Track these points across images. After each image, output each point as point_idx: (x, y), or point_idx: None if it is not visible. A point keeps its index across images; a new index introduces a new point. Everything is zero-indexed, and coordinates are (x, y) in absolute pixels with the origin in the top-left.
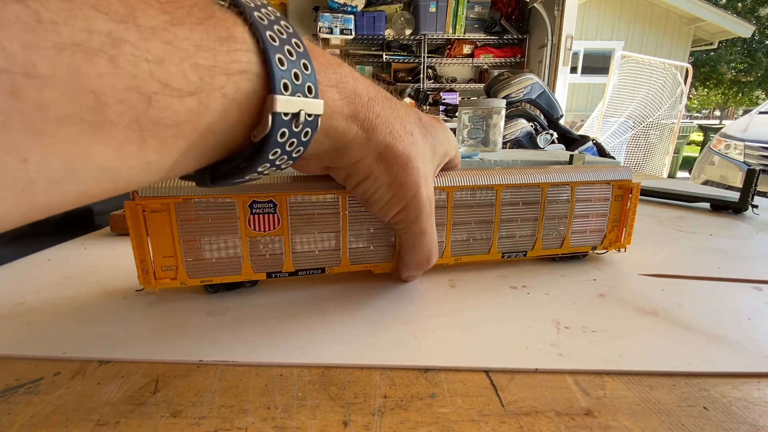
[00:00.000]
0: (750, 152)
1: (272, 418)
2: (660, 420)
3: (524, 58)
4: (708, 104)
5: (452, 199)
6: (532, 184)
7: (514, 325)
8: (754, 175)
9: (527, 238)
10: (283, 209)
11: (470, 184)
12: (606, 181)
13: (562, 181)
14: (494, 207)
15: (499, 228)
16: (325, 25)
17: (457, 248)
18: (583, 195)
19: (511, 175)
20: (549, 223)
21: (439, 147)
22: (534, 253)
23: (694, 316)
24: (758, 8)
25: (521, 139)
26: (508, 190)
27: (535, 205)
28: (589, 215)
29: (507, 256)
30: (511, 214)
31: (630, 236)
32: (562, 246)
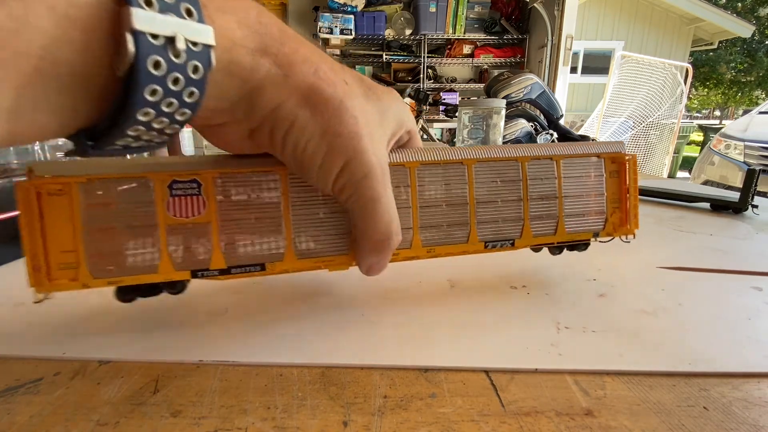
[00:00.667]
0: (750, 152)
1: (272, 418)
2: (660, 420)
3: (524, 58)
4: (708, 104)
5: (415, 177)
6: (509, 158)
7: (514, 325)
8: (754, 175)
9: (512, 224)
10: (210, 190)
11: (435, 158)
12: (594, 154)
13: (542, 154)
14: (466, 185)
15: (476, 211)
16: (325, 25)
17: (429, 237)
18: (571, 170)
19: (483, 150)
20: (536, 204)
21: (390, 114)
22: (523, 242)
23: (694, 316)
24: (758, 8)
25: (521, 139)
26: (482, 165)
27: (515, 182)
28: (583, 194)
29: (491, 246)
30: (488, 195)
31: (636, 220)
32: (556, 233)
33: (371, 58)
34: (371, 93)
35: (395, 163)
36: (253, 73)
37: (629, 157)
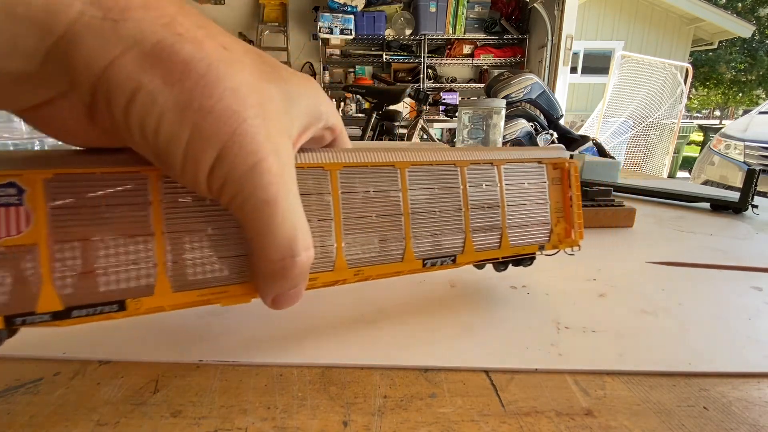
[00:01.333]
0: (750, 152)
1: (272, 418)
2: (660, 420)
3: (524, 58)
4: (708, 104)
5: (338, 182)
6: (446, 161)
7: (514, 325)
8: (754, 175)
9: (453, 237)
10: (38, 199)
11: (360, 160)
12: (536, 159)
13: (482, 158)
14: (400, 192)
15: (411, 223)
16: (325, 25)
17: (357, 255)
18: (513, 177)
19: (418, 152)
20: (478, 214)
21: (303, 102)
22: (466, 257)
23: (694, 316)
24: (758, 8)
25: (521, 139)
26: (417, 169)
27: (454, 190)
28: (526, 203)
29: (430, 264)
30: (425, 203)
31: (581, 230)
32: (500, 247)
33: (371, 58)
34: (274, 73)
35: (311, 164)
36: (57, 16)
37: (571, 163)
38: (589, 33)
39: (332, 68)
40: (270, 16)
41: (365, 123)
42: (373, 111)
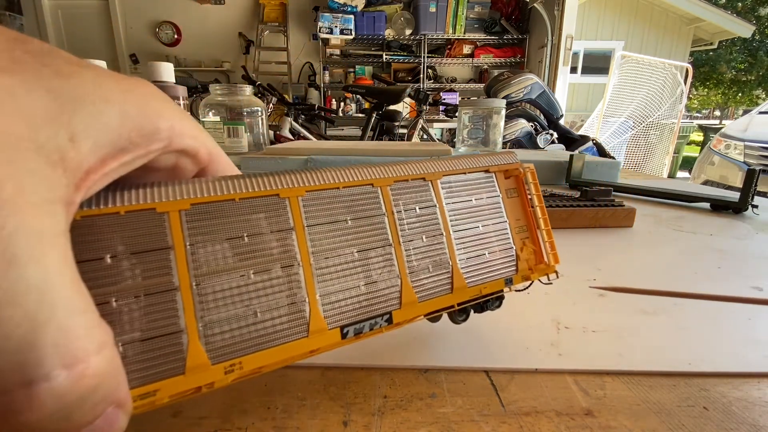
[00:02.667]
0: (750, 152)
1: (272, 418)
2: (660, 420)
3: (524, 58)
4: (708, 104)
5: (183, 230)
6: (358, 182)
7: (514, 325)
8: (754, 175)
9: (383, 287)
10: None
11: (224, 193)
12: (481, 168)
13: (409, 173)
14: (292, 233)
15: (315, 275)
16: (325, 25)
17: (226, 341)
18: (455, 192)
19: (316, 173)
20: (414, 249)
21: (106, 108)
22: (406, 313)
23: (694, 316)
24: (758, 8)
25: (521, 139)
26: (315, 198)
27: (376, 219)
28: (478, 226)
29: (353, 332)
30: (332, 243)
31: (555, 251)
32: (453, 289)
33: (371, 58)
34: (32, 63)
35: (133, 207)
36: None
37: (526, 168)
38: (589, 33)
39: (332, 68)
40: (270, 16)
41: (365, 123)
42: (373, 111)
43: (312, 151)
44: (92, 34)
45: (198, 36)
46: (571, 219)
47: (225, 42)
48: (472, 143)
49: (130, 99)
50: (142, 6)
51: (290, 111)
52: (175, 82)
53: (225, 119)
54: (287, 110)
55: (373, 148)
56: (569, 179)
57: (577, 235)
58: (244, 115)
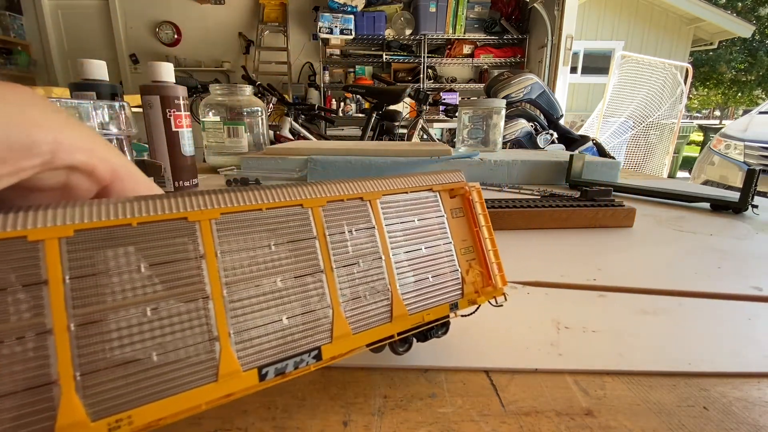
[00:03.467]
0: (750, 152)
1: (272, 418)
2: (660, 420)
3: (524, 58)
4: (708, 104)
5: (60, 262)
6: (288, 203)
7: (514, 325)
8: (754, 175)
9: (311, 319)
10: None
11: (115, 218)
12: (425, 187)
13: (344, 193)
14: (201, 261)
15: (227, 312)
16: (325, 25)
17: (108, 387)
18: (396, 213)
19: (237, 194)
20: (349, 275)
21: None
22: (340, 346)
23: (694, 316)
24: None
25: (521, 139)
26: (230, 220)
27: (305, 243)
28: (421, 248)
29: (273, 373)
30: (251, 272)
31: (503, 273)
32: (392, 318)
33: (371, 58)
34: None
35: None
36: None
37: (472, 187)
38: (589, 33)
39: (332, 68)
40: (270, 16)
41: (365, 123)
42: (373, 111)
43: (312, 151)
44: (92, 34)
45: (198, 36)
46: (571, 219)
47: (225, 42)
48: (472, 143)
49: None
50: (142, 6)
51: (290, 111)
52: (175, 82)
53: (225, 119)
54: (287, 110)
55: (373, 148)
56: (569, 179)
57: (577, 235)
58: (244, 115)
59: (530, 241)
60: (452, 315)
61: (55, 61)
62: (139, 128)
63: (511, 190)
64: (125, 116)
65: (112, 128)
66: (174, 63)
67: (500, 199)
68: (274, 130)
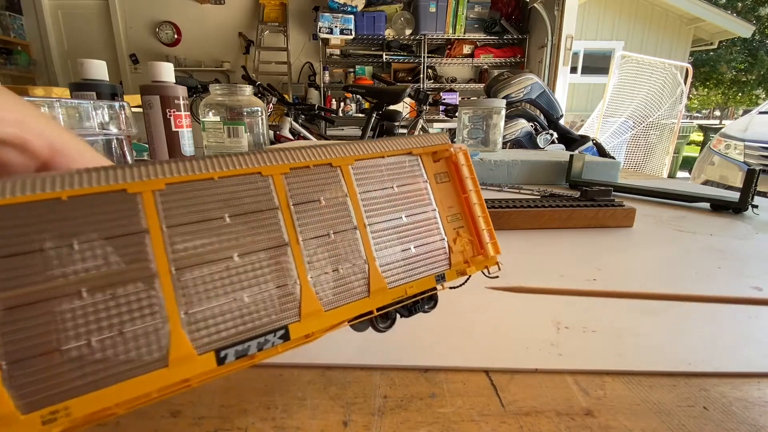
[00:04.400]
0: (750, 152)
1: (272, 418)
2: (660, 420)
3: (524, 58)
4: (708, 104)
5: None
6: (245, 170)
7: (514, 325)
8: (754, 175)
9: (276, 296)
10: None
11: (45, 190)
12: (404, 151)
13: (314, 159)
14: (145, 237)
15: (177, 291)
16: (325, 25)
17: (36, 378)
18: (371, 179)
19: (185, 163)
20: (318, 248)
21: None
22: (309, 324)
23: (694, 316)
24: (758, 8)
25: (521, 139)
26: (177, 191)
27: (265, 214)
28: (401, 216)
29: (233, 355)
30: (205, 247)
31: (494, 241)
32: (370, 292)
33: (371, 58)
34: None
35: None
36: None
37: (458, 149)
38: (589, 33)
39: (332, 68)
40: (270, 16)
41: (365, 123)
42: (373, 111)
43: None
44: (92, 34)
45: (198, 36)
46: (571, 219)
47: (225, 42)
48: (472, 143)
49: None
50: (142, 6)
51: (290, 111)
52: (175, 82)
53: (225, 119)
54: (287, 110)
55: None
56: (569, 179)
57: (577, 235)
58: (244, 115)
59: (530, 241)
60: (439, 287)
61: (55, 61)
62: (139, 128)
63: (511, 190)
64: (125, 116)
65: (112, 128)
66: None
67: (500, 199)
68: (274, 130)
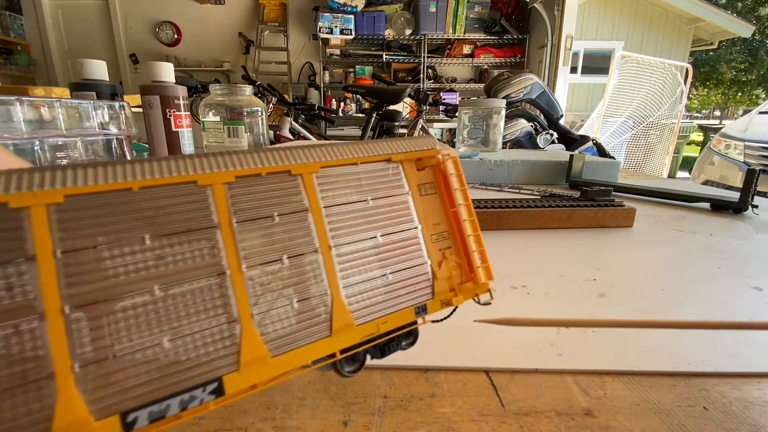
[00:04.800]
0: (750, 152)
1: (272, 418)
2: (660, 420)
3: (524, 58)
4: (708, 104)
5: None
6: (174, 179)
7: (514, 325)
8: (754, 175)
9: (208, 341)
10: None
11: None
12: (382, 157)
13: (268, 165)
14: (32, 267)
15: (70, 335)
16: (325, 25)
17: None
18: (338, 192)
19: (94, 170)
20: (265, 277)
21: None
22: (251, 374)
23: (694, 316)
24: (758, 8)
25: (521, 139)
26: (79, 206)
27: (198, 235)
28: (376, 236)
29: (146, 418)
30: (109, 280)
31: (487, 264)
32: (331, 330)
33: (371, 58)
34: None
35: None
36: None
37: (446, 156)
38: (589, 33)
39: (332, 68)
40: (270, 16)
41: (365, 123)
42: (373, 111)
43: None
44: (92, 34)
45: (198, 36)
46: (571, 219)
47: (225, 42)
48: (472, 143)
49: None
50: (142, 6)
51: (290, 111)
52: (175, 82)
53: (225, 119)
54: (287, 110)
55: None
56: (569, 179)
57: (577, 235)
58: (244, 115)
59: (530, 241)
60: (419, 321)
61: (55, 61)
62: (139, 128)
63: (511, 190)
64: (125, 116)
65: (112, 128)
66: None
67: (500, 199)
68: (274, 130)
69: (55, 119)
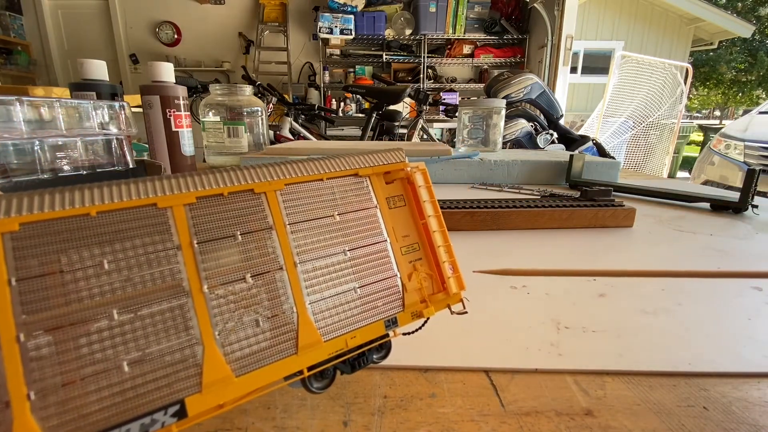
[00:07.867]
0: (750, 152)
1: (272, 418)
2: (660, 420)
3: (524, 58)
4: (708, 104)
5: None
6: (132, 203)
7: (514, 325)
8: (754, 175)
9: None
10: None
11: None
12: (346, 172)
13: (228, 185)
14: None
15: (25, 362)
16: (325, 25)
17: None
18: (303, 208)
19: (51, 195)
20: (228, 296)
21: None
22: (214, 395)
23: (694, 316)
24: (758, 8)
25: (521, 139)
26: (33, 233)
27: (156, 256)
28: (343, 250)
29: None
30: (69, 305)
31: (459, 274)
32: (297, 348)
33: (371, 58)
34: None
35: None
36: None
37: (415, 168)
38: (589, 33)
39: (332, 68)
40: (270, 16)
41: (365, 123)
42: (373, 111)
43: (311, 151)
44: (92, 34)
45: (198, 36)
46: (571, 219)
47: (225, 42)
48: (472, 143)
49: None
50: (142, 6)
51: (290, 111)
52: (175, 82)
53: (225, 119)
54: (287, 110)
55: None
56: (569, 179)
57: (577, 235)
58: (244, 115)
59: (530, 241)
60: (390, 334)
61: (55, 61)
62: (139, 128)
63: (511, 190)
64: (125, 116)
65: (112, 128)
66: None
67: (500, 199)
68: (274, 130)
69: (55, 119)
